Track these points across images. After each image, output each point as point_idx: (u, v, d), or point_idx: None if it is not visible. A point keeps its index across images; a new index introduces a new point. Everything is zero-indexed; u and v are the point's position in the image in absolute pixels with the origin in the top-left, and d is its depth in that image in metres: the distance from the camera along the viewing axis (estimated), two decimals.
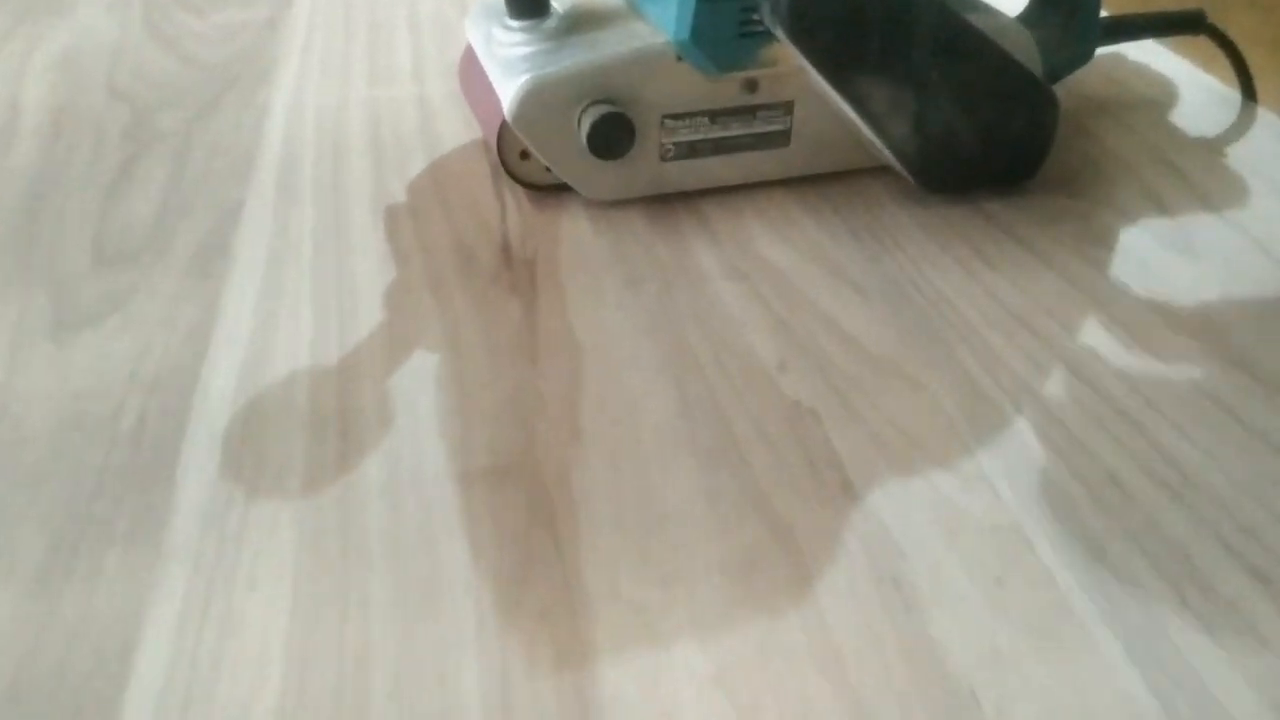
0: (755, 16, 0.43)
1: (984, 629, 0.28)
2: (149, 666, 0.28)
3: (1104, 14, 0.54)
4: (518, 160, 0.46)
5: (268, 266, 0.43)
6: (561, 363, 0.38)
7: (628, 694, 0.27)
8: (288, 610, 0.29)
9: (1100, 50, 0.58)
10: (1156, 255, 0.43)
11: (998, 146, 0.46)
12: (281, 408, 0.36)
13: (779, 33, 0.42)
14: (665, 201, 0.47)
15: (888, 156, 0.46)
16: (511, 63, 0.44)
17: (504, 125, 0.45)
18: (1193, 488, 0.33)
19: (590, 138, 0.43)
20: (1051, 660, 0.28)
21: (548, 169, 0.46)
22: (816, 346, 0.39)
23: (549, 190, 0.47)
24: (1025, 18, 0.54)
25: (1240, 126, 0.53)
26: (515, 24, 0.45)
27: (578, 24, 0.46)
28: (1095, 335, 0.39)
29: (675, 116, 0.45)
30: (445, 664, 0.28)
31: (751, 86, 0.46)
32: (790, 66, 0.45)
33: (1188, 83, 0.58)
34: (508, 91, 0.43)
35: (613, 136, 0.44)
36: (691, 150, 0.46)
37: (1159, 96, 0.56)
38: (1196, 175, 0.49)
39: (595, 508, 0.32)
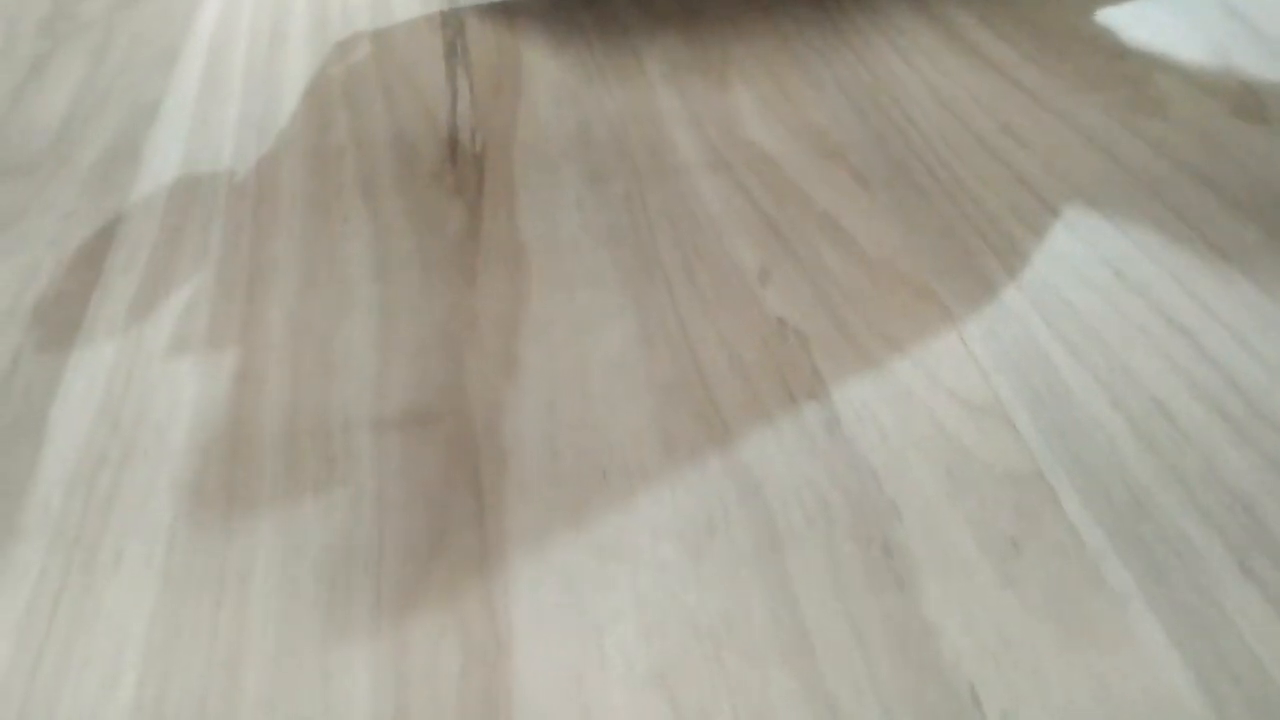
0: None
1: (992, 609, 0.23)
2: None
3: None
4: None
5: (179, 176, 0.37)
6: (503, 280, 0.32)
7: (546, 699, 0.22)
8: (154, 593, 0.24)
9: None
10: (1220, 125, 0.36)
11: None
12: (173, 346, 0.31)
13: None
14: (643, 73, 0.41)
15: None
16: None
17: None
18: (1260, 420, 0.26)
19: None
20: (1074, 649, 0.22)
21: None
22: (808, 249, 0.32)
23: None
24: None
25: None
26: None
27: None
28: (1144, 226, 0.32)
29: None
30: (330, 660, 0.23)
31: None
32: None
33: None
34: None
35: None
36: None
37: None
38: (1263, 24, 0.41)
39: (527, 460, 0.27)
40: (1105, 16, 0.43)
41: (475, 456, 0.27)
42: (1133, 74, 0.39)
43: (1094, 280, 0.31)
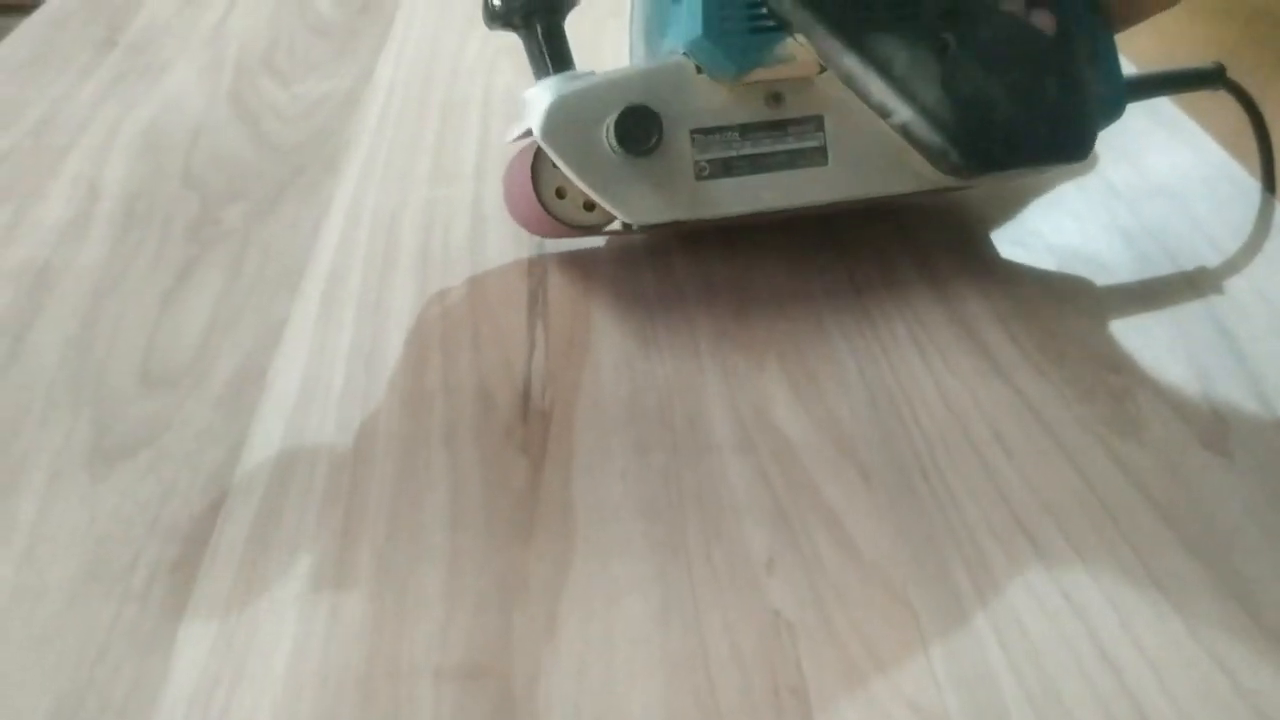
0: (762, 9, 0.46)
1: None
2: None
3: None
4: (554, 198, 0.48)
5: (297, 402, 0.45)
6: (555, 542, 0.39)
7: None
8: None
9: None
10: (1187, 454, 0.42)
11: (1037, 115, 0.47)
12: (279, 576, 0.38)
13: (786, 13, 0.44)
14: (694, 342, 0.47)
15: (927, 137, 0.46)
16: (538, 101, 0.47)
17: (538, 156, 0.47)
18: None
19: (618, 127, 0.45)
20: None
21: (586, 207, 0.47)
22: (810, 544, 0.39)
23: (586, 233, 0.49)
24: None
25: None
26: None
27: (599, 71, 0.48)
28: (1098, 552, 0.38)
29: (704, 131, 0.47)
30: None
31: (776, 99, 0.48)
32: (811, 73, 0.47)
33: (1204, 165, 0.55)
34: (537, 118, 0.46)
35: (639, 127, 0.46)
36: (727, 168, 0.48)
37: (1178, 187, 0.54)
38: (1247, 346, 0.47)
39: None
40: (1111, 326, 0.49)
41: (513, 714, 0.33)
42: (1117, 389, 0.45)
43: (1046, 604, 0.37)
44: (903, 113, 0.46)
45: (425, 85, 0.70)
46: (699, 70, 0.47)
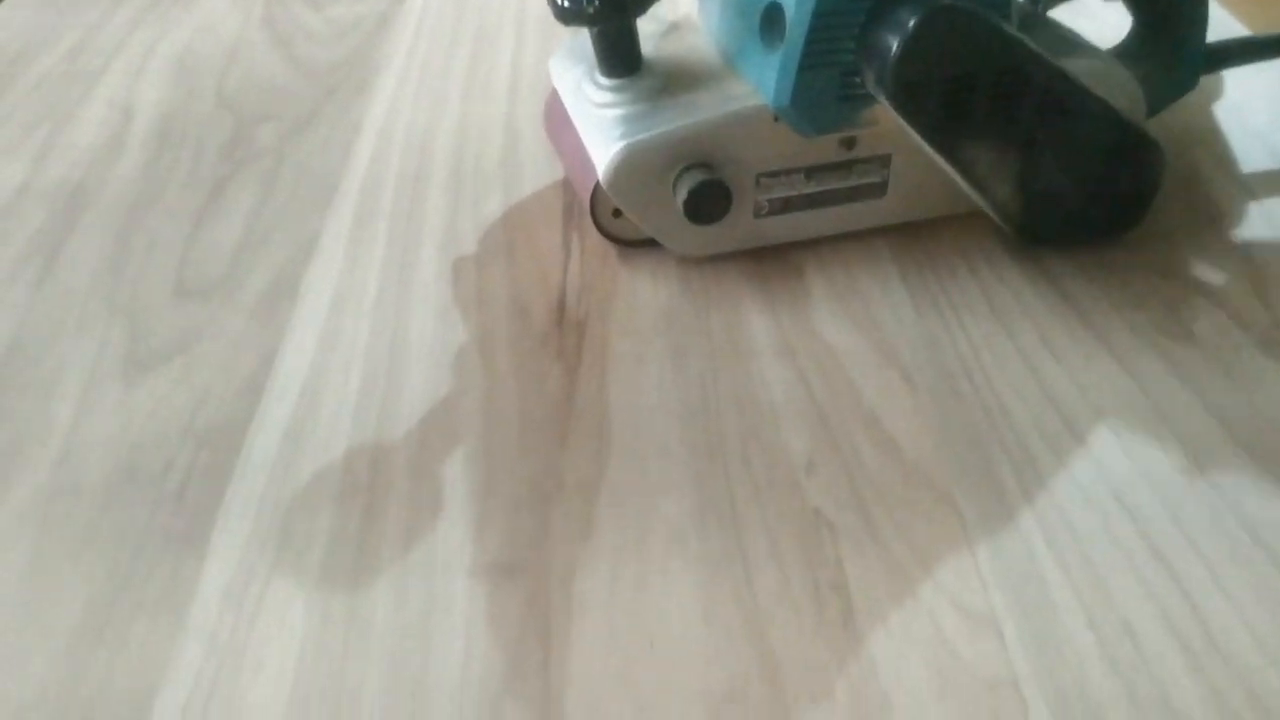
0: (857, 79, 0.42)
1: None
2: None
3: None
4: (610, 218, 0.46)
5: (329, 312, 0.44)
6: (590, 445, 0.38)
7: None
8: (285, 698, 0.31)
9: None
10: (1246, 367, 0.40)
11: (1102, 200, 0.45)
12: (314, 477, 0.37)
13: (883, 100, 0.41)
14: (729, 256, 0.46)
15: (987, 208, 0.45)
16: (604, 125, 0.44)
17: (598, 186, 0.44)
18: (1216, 653, 0.31)
19: (687, 205, 0.43)
20: None
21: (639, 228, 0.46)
22: (851, 446, 0.38)
23: (637, 246, 0.47)
24: (1126, 49, 0.51)
25: None
26: (606, 81, 0.45)
27: (671, 82, 0.45)
28: (1149, 454, 0.37)
29: (771, 175, 0.45)
30: None
31: (849, 144, 0.45)
32: (890, 125, 0.44)
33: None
34: (602, 156, 0.43)
35: (710, 204, 0.43)
36: (786, 205, 0.46)
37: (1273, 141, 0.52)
38: None
39: (591, 620, 0.32)
40: (1162, 233, 0.47)
41: (548, 610, 0.33)
42: (1169, 295, 0.44)
43: (1095, 502, 0.35)
44: (973, 195, 0.44)
45: (459, 7, 0.69)
46: (776, 119, 0.43)
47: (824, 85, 0.42)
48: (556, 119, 0.49)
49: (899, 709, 0.30)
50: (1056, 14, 0.50)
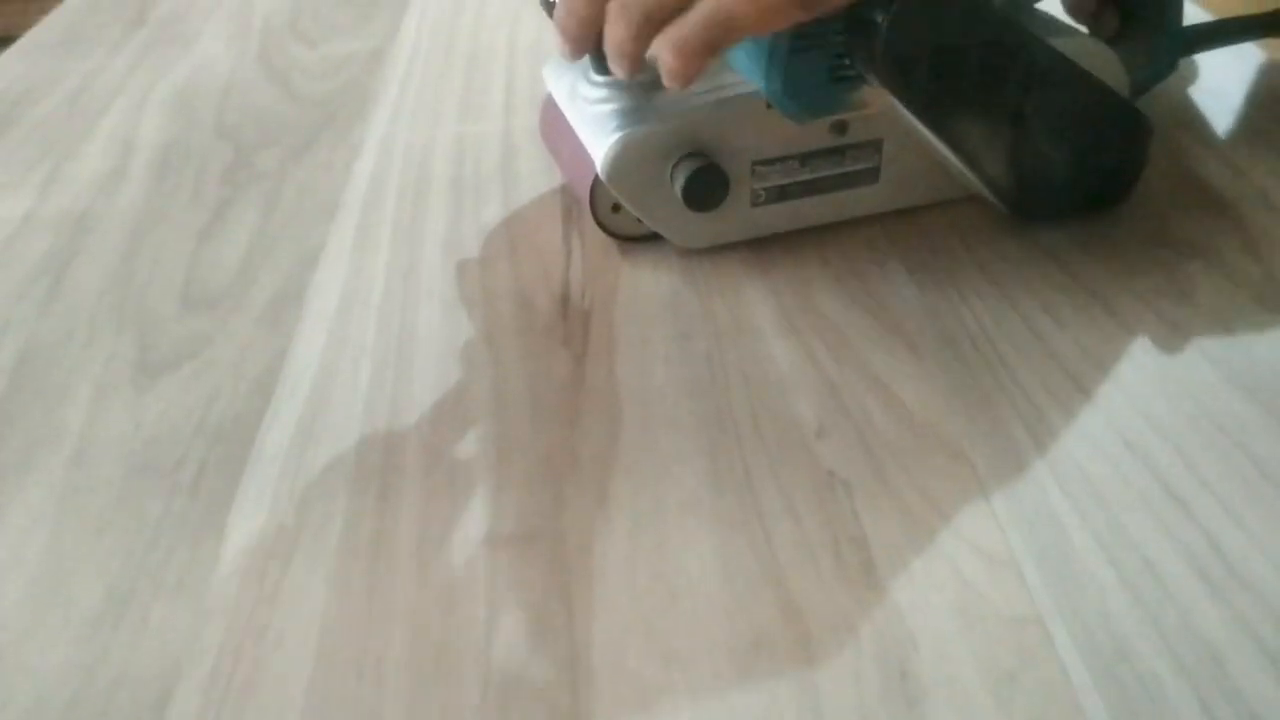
0: (846, 62, 0.43)
1: None
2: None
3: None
4: (609, 213, 0.47)
5: (336, 314, 0.45)
6: (601, 423, 0.38)
7: None
8: (309, 671, 0.31)
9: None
10: (1244, 321, 0.41)
11: (1092, 172, 0.46)
12: (329, 465, 0.37)
13: (874, 79, 0.42)
14: (730, 248, 0.47)
15: (979, 187, 0.45)
16: (600, 119, 0.45)
17: (596, 181, 0.45)
18: (1236, 581, 0.31)
19: (685, 192, 0.44)
20: None
21: (639, 220, 0.46)
22: (860, 410, 0.38)
23: (638, 241, 0.48)
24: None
25: None
26: (600, 79, 0.46)
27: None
28: (1156, 405, 0.37)
29: (766, 162, 0.46)
30: None
31: (841, 129, 0.46)
32: (880, 108, 0.45)
33: None
34: (599, 149, 0.44)
35: (707, 189, 0.44)
36: (782, 194, 0.46)
37: (1260, 119, 0.53)
38: None
39: (612, 579, 0.32)
40: (1156, 207, 0.48)
41: (568, 574, 0.33)
42: (1167, 261, 0.44)
43: (1106, 450, 0.36)
44: (966, 173, 0.45)
45: (450, 38, 0.71)
46: (769, 106, 0.44)
47: (813, 69, 0.43)
48: (552, 124, 0.50)
49: (925, 648, 0.30)
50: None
